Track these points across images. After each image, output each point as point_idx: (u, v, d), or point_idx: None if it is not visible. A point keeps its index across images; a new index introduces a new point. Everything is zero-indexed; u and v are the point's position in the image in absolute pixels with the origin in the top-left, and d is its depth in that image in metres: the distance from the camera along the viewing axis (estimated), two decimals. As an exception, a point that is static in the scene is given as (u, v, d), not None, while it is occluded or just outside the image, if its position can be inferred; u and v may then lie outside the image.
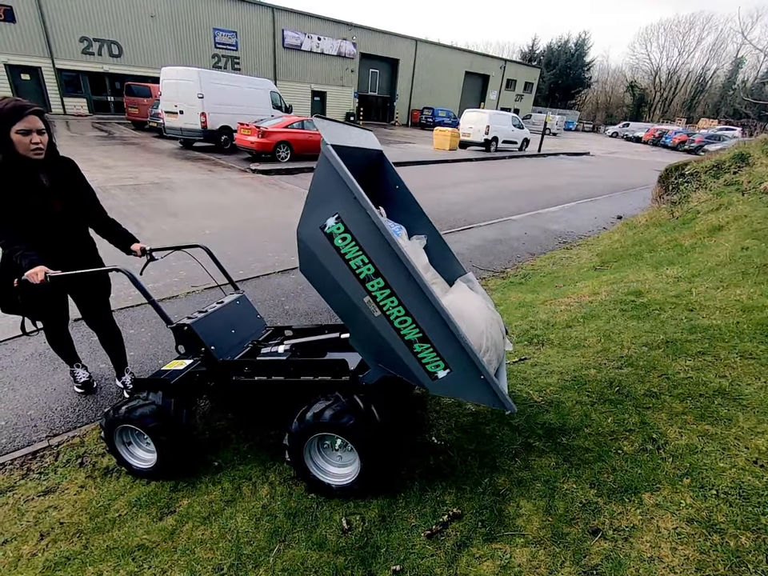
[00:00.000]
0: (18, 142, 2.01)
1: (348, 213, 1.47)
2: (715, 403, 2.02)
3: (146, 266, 2.55)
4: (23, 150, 2.04)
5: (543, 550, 1.53)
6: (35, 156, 2.08)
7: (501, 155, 18.83)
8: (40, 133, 2.06)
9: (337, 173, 1.43)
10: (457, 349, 1.54)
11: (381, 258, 1.49)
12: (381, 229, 1.44)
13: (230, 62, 24.92)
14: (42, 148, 2.10)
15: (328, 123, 1.58)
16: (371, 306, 1.57)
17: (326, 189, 1.49)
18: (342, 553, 1.63)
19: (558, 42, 55.81)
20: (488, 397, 1.60)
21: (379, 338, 1.63)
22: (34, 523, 1.92)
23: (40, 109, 2.08)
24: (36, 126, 2.04)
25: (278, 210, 7.76)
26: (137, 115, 17.97)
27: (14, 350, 3.23)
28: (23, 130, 1.99)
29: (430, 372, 1.62)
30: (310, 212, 1.53)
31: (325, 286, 1.66)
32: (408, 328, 1.57)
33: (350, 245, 1.50)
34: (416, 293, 1.51)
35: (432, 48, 34.90)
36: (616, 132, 43.94)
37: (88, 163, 9.95)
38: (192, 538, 1.77)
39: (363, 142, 1.85)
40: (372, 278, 1.53)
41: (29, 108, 2.01)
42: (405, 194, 2.20)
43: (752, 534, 1.44)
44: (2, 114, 1.95)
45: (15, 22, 18.47)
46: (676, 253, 4.37)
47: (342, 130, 1.72)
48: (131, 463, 2.16)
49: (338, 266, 1.54)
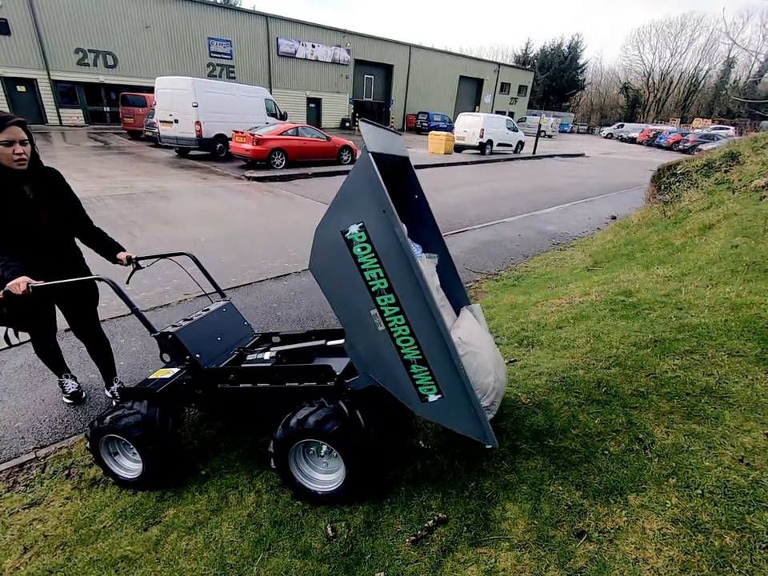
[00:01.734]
0: (1, 153, 2.01)
1: (374, 224, 1.45)
2: (702, 402, 2.01)
3: (132, 274, 2.55)
4: (6, 161, 2.04)
5: (528, 554, 1.52)
6: (18, 167, 2.08)
7: (496, 158, 18.89)
8: (23, 143, 2.06)
9: (371, 183, 1.40)
10: (454, 377, 1.55)
11: (397, 276, 1.48)
12: (405, 249, 1.42)
13: (225, 71, 25.05)
14: (26, 159, 2.10)
15: (371, 129, 1.54)
16: (377, 320, 1.56)
17: (357, 195, 1.45)
18: (326, 560, 1.62)
19: (552, 45, 56.26)
20: (473, 428, 1.62)
21: (377, 351, 1.63)
22: (18, 536, 1.90)
23: (22, 119, 2.08)
24: (18, 136, 2.04)
25: (272, 217, 7.77)
26: (132, 125, 18.03)
27: (2, 362, 3.22)
28: (6, 141, 2.00)
29: (422, 394, 1.63)
30: (334, 214, 1.50)
31: (332, 288, 1.63)
32: (409, 348, 1.56)
33: (369, 255, 1.48)
34: (425, 317, 1.50)
35: (426, 53, 35.13)
36: (611, 133, 44.14)
37: (83, 173, 9.98)
38: (176, 548, 1.75)
39: (395, 149, 1.81)
40: (384, 293, 1.51)
41: (11, 119, 2.01)
42: (422, 205, 2.15)
43: (736, 533, 1.43)
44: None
45: (10, 34, 18.57)
46: (667, 252, 4.38)
47: (381, 135, 1.67)
48: (117, 473, 2.14)
49: (352, 274, 1.52)
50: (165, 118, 13.50)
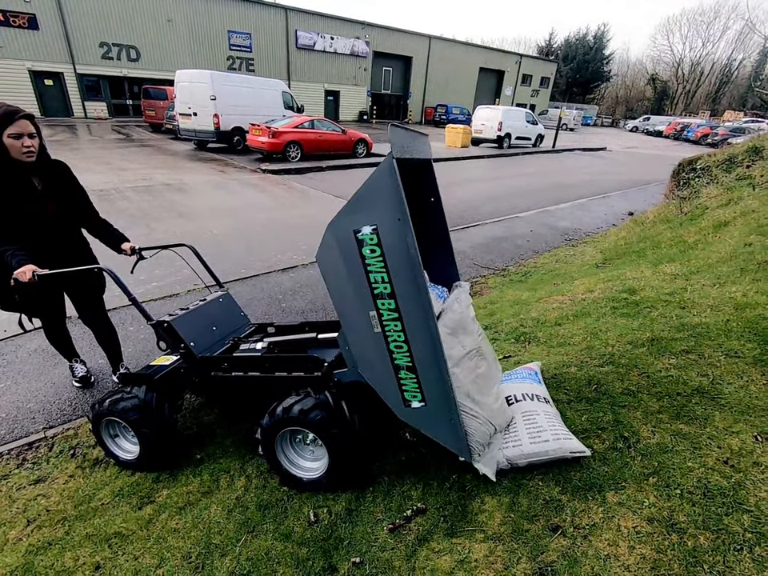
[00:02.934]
0: (10, 146, 2.10)
1: (387, 229, 1.45)
2: (692, 402, 1.98)
3: (136, 264, 2.64)
4: (15, 154, 2.13)
5: (501, 546, 1.54)
6: (27, 159, 2.17)
7: (513, 152, 18.60)
8: (31, 136, 2.15)
9: (391, 189, 1.41)
10: (440, 389, 1.58)
11: (401, 284, 1.50)
12: (413, 259, 1.44)
13: (244, 64, 25.27)
14: (34, 151, 2.18)
15: (399, 134, 1.54)
16: (374, 321, 1.58)
17: (375, 198, 1.46)
18: (306, 544, 1.67)
19: (576, 35, 54.75)
20: (451, 440, 1.67)
21: (369, 350, 1.66)
22: (23, 510, 2.02)
23: (30, 114, 2.17)
24: (27, 129, 2.13)
25: (284, 211, 7.85)
26: (154, 118, 18.40)
27: (18, 346, 3.38)
28: (15, 134, 2.08)
29: (406, 399, 1.66)
30: (349, 212, 1.51)
31: (335, 282, 1.65)
32: (401, 354, 1.59)
33: (377, 259, 1.49)
34: (422, 328, 1.52)
35: (446, 45, 34.67)
36: (636, 126, 42.88)
37: (105, 166, 10.25)
38: (166, 527, 1.83)
39: (420, 151, 1.81)
40: (385, 298, 1.53)
41: (19, 113, 2.10)
42: (437, 210, 2.09)
43: (711, 534, 1.42)
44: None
45: (39, 29, 19.12)
46: (678, 249, 4.27)
47: (408, 139, 1.67)
48: (117, 455, 2.24)
49: (357, 273, 1.54)
50: (184, 111, 13.74)
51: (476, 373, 1.77)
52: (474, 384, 1.75)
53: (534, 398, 1.97)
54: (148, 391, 2.13)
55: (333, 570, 1.56)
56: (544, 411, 1.90)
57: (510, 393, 2.05)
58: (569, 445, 1.75)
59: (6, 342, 3.43)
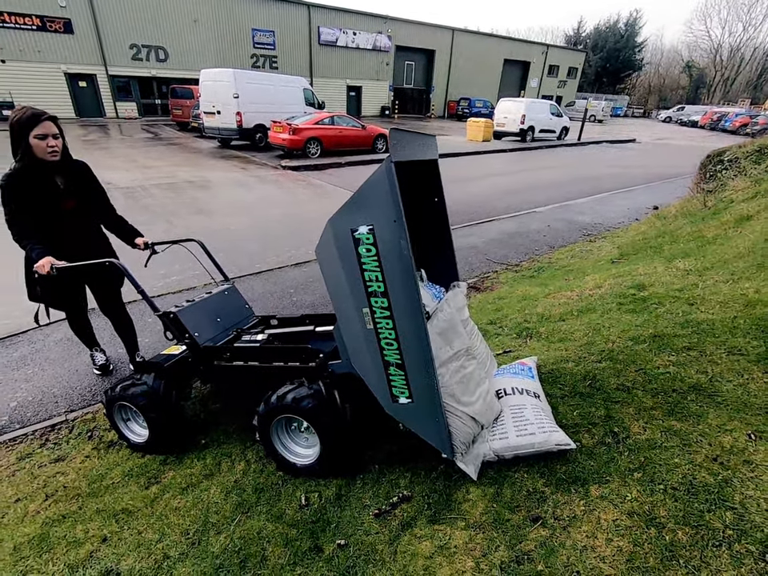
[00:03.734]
0: (35, 146, 2.24)
1: (382, 231, 1.50)
2: (688, 399, 1.95)
3: (150, 258, 2.78)
4: (40, 153, 2.27)
5: (482, 534, 1.57)
6: (51, 158, 2.31)
7: (537, 145, 18.22)
8: (55, 137, 2.29)
9: (388, 192, 1.45)
10: (426, 387, 1.63)
11: (393, 283, 1.54)
12: (405, 261, 1.48)
13: (267, 61, 25.61)
14: (58, 151, 2.33)
15: (401, 138, 1.57)
16: (367, 318, 1.63)
17: (373, 199, 1.50)
18: (296, 526, 1.75)
19: (607, 23, 52.90)
20: (435, 437, 1.72)
21: (361, 345, 1.71)
22: (42, 486, 2.18)
23: (54, 116, 2.31)
24: (51, 130, 2.27)
25: (302, 207, 7.98)
26: (180, 116, 18.93)
27: (46, 335, 3.60)
28: (40, 135, 2.23)
29: (394, 395, 1.72)
30: (348, 210, 1.55)
31: (332, 276, 1.70)
32: (391, 351, 1.64)
33: (372, 258, 1.54)
34: (412, 327, 1.56)
35: (469, 37, 34.14)
36: (669, 117, 41.22)
37: (132, 164, 10.65)
38: (169, 505, 1.95)
39: (425, 153, 1.85)
40: (378, 296, 1.58)
41: (44, 115, 2.25)
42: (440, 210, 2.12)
43: (691, 529, 1.41)
44: (22, 121, 2.20)
45: (73, 33, 19.92)
46: (696, 245, 4.14)
47: (410, 142, 1.70)
48: (129, 437, 2.38)
49: (353, 269, 1.59)
50: (208, 109, 14.09)
51: (462, 373, 1.81)
52: (460, 384, 1.79)
53: (524, 392, 1.99)
54: (156, 378, 2.26)
55: (318, 551, 1.63)
56: (532, 405, 1.91)
57: (501, 386, 2.07)
58: (555, 437, 1.76)
59: (35, 332, 3.66)
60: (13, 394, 2.94)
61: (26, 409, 2.81)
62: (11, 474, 2.29)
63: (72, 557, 1.74)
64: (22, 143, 2.23)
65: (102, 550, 1.77)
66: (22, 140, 2.23)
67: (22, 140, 2.23)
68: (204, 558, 1.66)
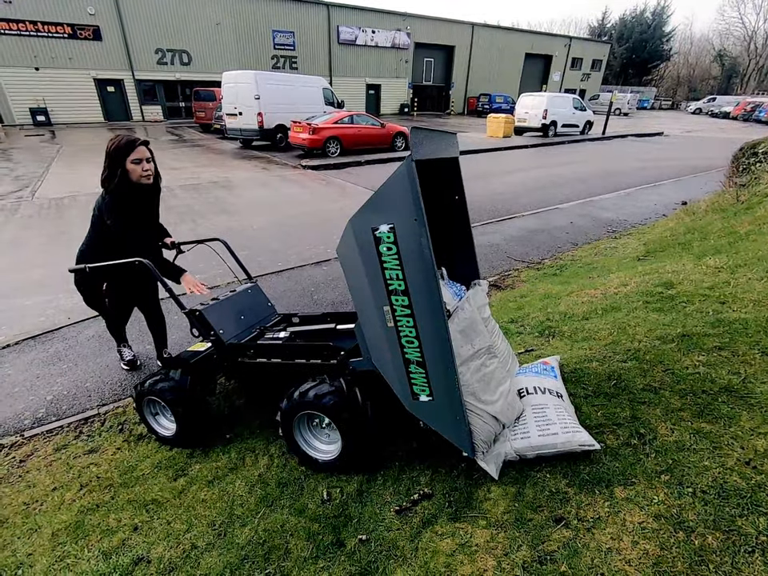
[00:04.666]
0: (131, 171, 2.35)
1: (403, 229, 1.51)
2: (719, 401, 1.89)
3: (176, 257, 2.86)
4: (135, 177, 2.38)
5: (503, 533, 1.57)
6: (146, 181, 2.42)
7: (559, 140, 17.85)
8: (148, 161, 2.39)
9: (409, 190, 1.46)
10: (447, 385, 1.63)
11: (414, 282, 1.55)
12: (426, 259, 1.49)
13: (287, 62, 25.86)
14: (151, 173, 2.44)
15: (421, 136, 1.58)
16: (387, 316, 1.65)
17: (394, 198, 1.51)
18: (318, 520, 1.78)
19: (633, 12, 51.22)
20: (456, 435, 1.72)
21: (382, 343, 1.73)
22: (77, 476, 2.28)
23: (147, 140, 2.41)
24: (145, 155, 2.37)
25: (322, 205, 8.05)
26: (203, 118, 19.31)
27: (79, 332, 3.75)
28: (136, 160, 2.34)
29: (414, 393, 1.73)
30: (369, 210, 1.57)
31: (354, 275, 1.72)
32: (412, 349, 1.65)
33: (393, 256, 1.56)
34: (433, 325, 1.56)
35: (489, 31, 33.68)
36: (699, 108, 39.74)
37: (159, 166, 10.94)
38: (196, 497, 2.01)
39: (445, 151, 1.86)
40: (399, 294, 1.59)
41: (139, 140, 2.35)
42: (461, 207, 2.11)
43: (722, 534, 1.37)
44: (120, 147, 2.31)
45: (102, 40, 20.56)
46: (728, 241, 3.99)
47: (431, 140, 1.71)
48: (158, 431, 2.46)
49: (374, 268, 1.60)
50: (230, 111, 14.32)
51: (483, 372, 1.80)
52: (481, 382, 1.78)
53: (546, 392, 1.96)
54: (183, 374, 2.33)
55: (341, 545, 1.66)
56: (554, 404, 1.89)
57: (523, 386, 2.05)
58: (578, 438, 1.73)
59: (70, 328, 3.81)
60: (49, 387, 3.07)
61: (62, 402, 2.94)
62: (48, 463, 2.40)
63: (106, 544, 1.82)
64: (118, 169, 2.32)
65: (133, 538, 1.84)
66: (119, 166, 2.32)
67: (119, 166, 2.32)
68: (230, 548, 1.71)
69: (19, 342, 3.62)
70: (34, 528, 1.95)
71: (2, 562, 1.79)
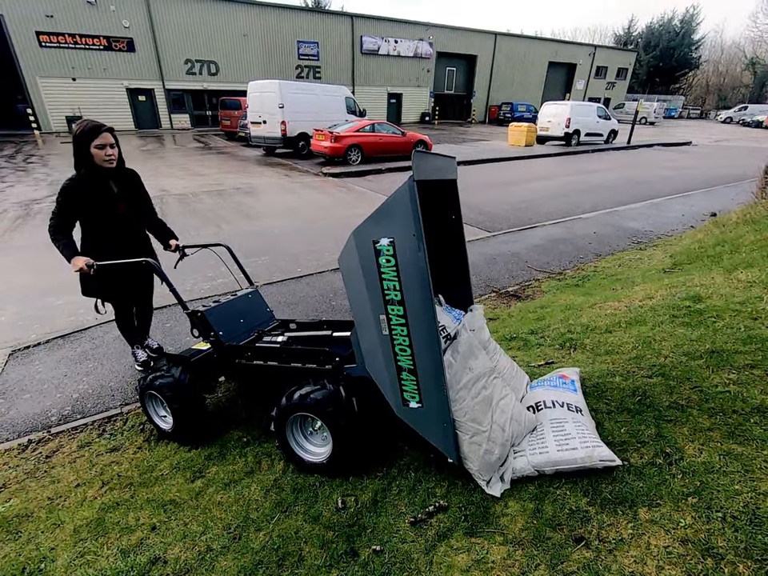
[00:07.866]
0: (95, 155, 2.53)
1: (402, 244, 1.58)
2: (751, 421, 1.81)
3: (179, 261, 2.97)
4: (99, 161, 2.55)
5: (521, 551, 1.53)
6: (108, 165, 2.60)
7: (583, 149, 17.61)
8: (112, 147, 2.57)
9: (409, 208, 1.53)
10: (436, 393, 1.69)
11: (410, 293, 1.62)
12: (422, 273, 1.56)
13: (311, 72, 26.36)
14: (114, 158, 2.61)
15: (423, 159, 1.66)
16: (383, 324, 1.72)
17: (394, 214, 1.58)
18: (332, 528, 1.77)
19: (660, 20, 50.35)
20: (442, 441, 1.78)
21: (377, 350, 1.79)
22: (99, 473, 2.33)
23: (111, 127, 2.59)
24: (109, 141, 2.55)
25: (343, 211, 8.13)
26: (229, 127, 19.82)
27: (105, 332, 3.86)
28: (100, 145, 2.51)
29: (405, 399, 1.78)
30: (371, 223, 1.64)
31: (353, 284, 1.79)
32: (404, 357, 1.72)
33: (391, 268, 1.63)
34: (426, 335, 1.63)
35: (512, 40, 33.64)
36: (730, 117, 38.70)
37: (185, 171, 11.25)
38: (212, 499, 2.03)
39: (445, 173, 1.94)
40: (395, 304, 1.66)
41: (103, 127, 2.53)
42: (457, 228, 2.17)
43: (754, 563, 1.31)
44: (84, 132, 2.49)
45: (135, 51, 21.39)
46: (761, 254, 3.84)
47: (432, 163, 1.80)
48: (158, 424, 2.54)
49: (373, 278, 1.67)
50: (255, 119, 14.67)
51: (482, 395, 1.81)
52: (480, 405, 1.79)
53: (564, 406, 1.92)
54: (183, 372, 2.40)
55: (354, 555, 1.64)
56: (573, 419, 1.84)
57: (540, 399, 2.01)
58: (598, 453, 1.69)
59: (95, 329, 3.93)
60: (75, 386, 3.17)
61: (87, 400, 3.02)
62: (72, 460, 2.46)
63: (125, 542, 1.85)
64: (83, 152, 2.51)
65: (151, 538, 1.86)
66: (83, 149, 2.50)
67: (84, 149, 2.50)
68: (245, 553, 1.71)
69: (49, 340, 3.76)
70: (57, 523, 2.00)
71: (27, 555, 1.83)
